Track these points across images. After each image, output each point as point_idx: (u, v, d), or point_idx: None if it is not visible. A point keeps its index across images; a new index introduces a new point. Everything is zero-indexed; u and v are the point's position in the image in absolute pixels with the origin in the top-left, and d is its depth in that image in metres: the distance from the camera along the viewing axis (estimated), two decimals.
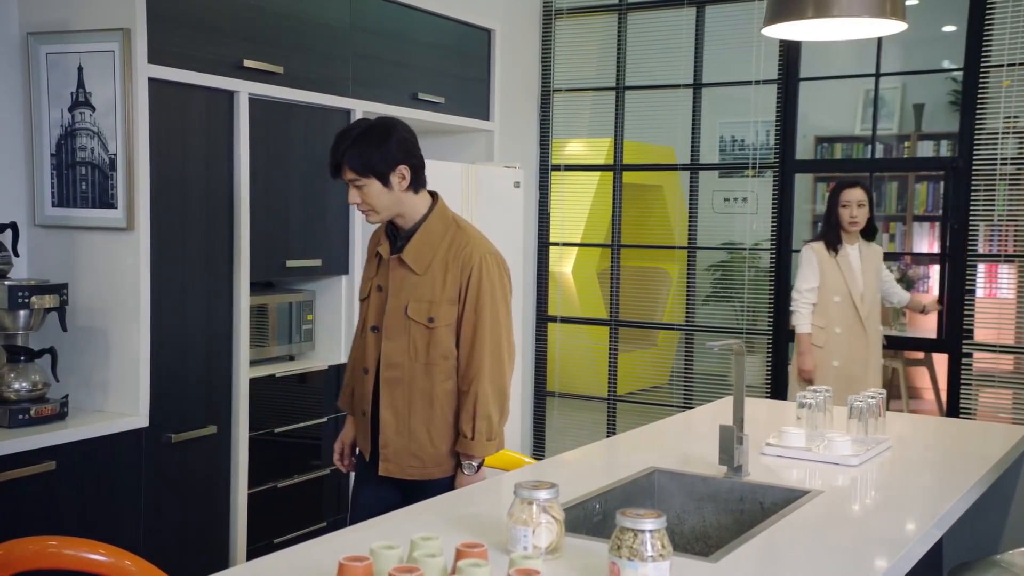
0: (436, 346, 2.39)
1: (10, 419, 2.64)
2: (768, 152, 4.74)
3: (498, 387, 2.40)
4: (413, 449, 2.42)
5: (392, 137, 2.35)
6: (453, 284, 2.37)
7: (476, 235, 2.46)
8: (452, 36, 4.11)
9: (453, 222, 2.46)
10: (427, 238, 2.40)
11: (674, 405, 4.99)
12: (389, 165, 2.33)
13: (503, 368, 2.42)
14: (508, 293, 2.46)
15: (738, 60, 4.74)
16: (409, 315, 2.39)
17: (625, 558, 1.51)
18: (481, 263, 2.39)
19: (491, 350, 2.39)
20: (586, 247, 5.72)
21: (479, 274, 2.37)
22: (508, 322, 2.45)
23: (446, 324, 2.38)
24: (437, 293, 2.38)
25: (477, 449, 2.38)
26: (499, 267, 2.44)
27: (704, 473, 2.29)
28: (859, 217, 4.13)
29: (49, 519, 2.60)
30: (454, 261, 2.38)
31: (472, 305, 2.38)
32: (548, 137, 5.18)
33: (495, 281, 2.40)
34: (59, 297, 2.78)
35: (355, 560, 1.41)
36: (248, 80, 3.15)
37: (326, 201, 3.54)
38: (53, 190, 2.96)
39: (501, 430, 2.43)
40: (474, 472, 2.42)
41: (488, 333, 2.38)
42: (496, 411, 2.40)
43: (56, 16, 2.90)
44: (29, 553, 1.75)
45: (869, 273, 4.18)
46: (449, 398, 2.41)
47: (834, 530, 1.95)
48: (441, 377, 2.40)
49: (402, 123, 2.43)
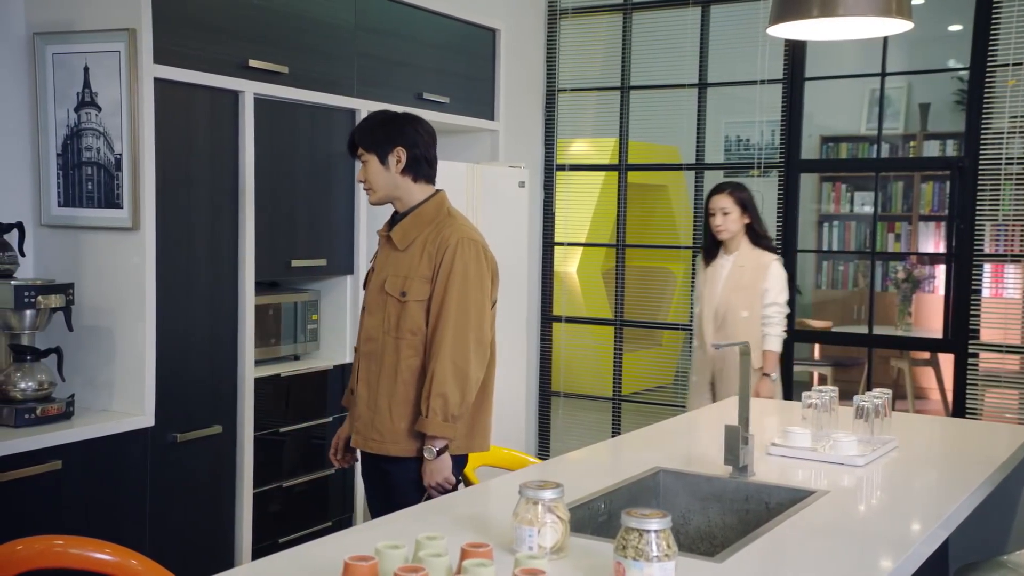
0: (406, 320, 2.45)
1: (16, 418, 2.64)
2: (773, 152, 4.73)
3: (459, 368, 2.40)
4: (376, 423, 2.49)
5: (398, 121, 2.55)
6: (428, 262, 2.45)
7: (463, 223, 2.52)
8: (457, 36, 4.11)
9: (447, 212, 2.54)
10: (416, 220, 2.52)
11: (678, 405, 4.98)
12: (387, 144, 2.51)
13: (466, 350, 2.41)
14: (485, 280, 2.46)
15: (743, 60, 4.73)
16: (386, 289, 2.49)
17: (630, 558, 1.51)
18: (457, 245, 2.44)
19: (454, 330, 2.40)
20: (591, 247, 5.72)
21: (452, 254, 2.43)
22: (480, 307, 2.44)
23: (416, 300, 2.45)
24: (413, 269, 2.46)
25: (429, 427, 2.39)
26: (477, 253, 2.46)
27: (709, 473, 2.29)
28: (725, 225, 3.79)
29: (55, 518, 2.60)
30: (433, 241, 2.47)
31: (442, 284, 2.43)
32: (553, 137, 5.17)
33: (469, 264, 2.43)
34: (65, 297, 2.78)
35: (360, 560, 1.41)
36: (253, 80, 3.16)
37: (331, 201, 3.54)
38: (59, 190, 2.96)
39: (462, 414, 2.42)
40: (433, 456, 2.41)
41: (453, 313, 2.41)
42: (454, 392, 2.39)
43: (62, 16, 2.90)
44: (35, 552, 1.75)
45: (735, 289, 3.78)
46: (412, 375, 2.45)
47: (840, 530, 1.94)
48: (408, 352, 2.45)
49: (420, 120, 2.59)
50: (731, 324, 3.76)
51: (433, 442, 2.41)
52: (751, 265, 3.79)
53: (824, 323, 6.34)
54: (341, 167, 3.58)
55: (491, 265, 2.51)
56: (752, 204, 3.85)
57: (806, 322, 6.33)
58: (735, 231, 3.80)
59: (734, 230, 3.80)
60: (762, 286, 3.77)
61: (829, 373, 6.16)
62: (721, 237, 3.81)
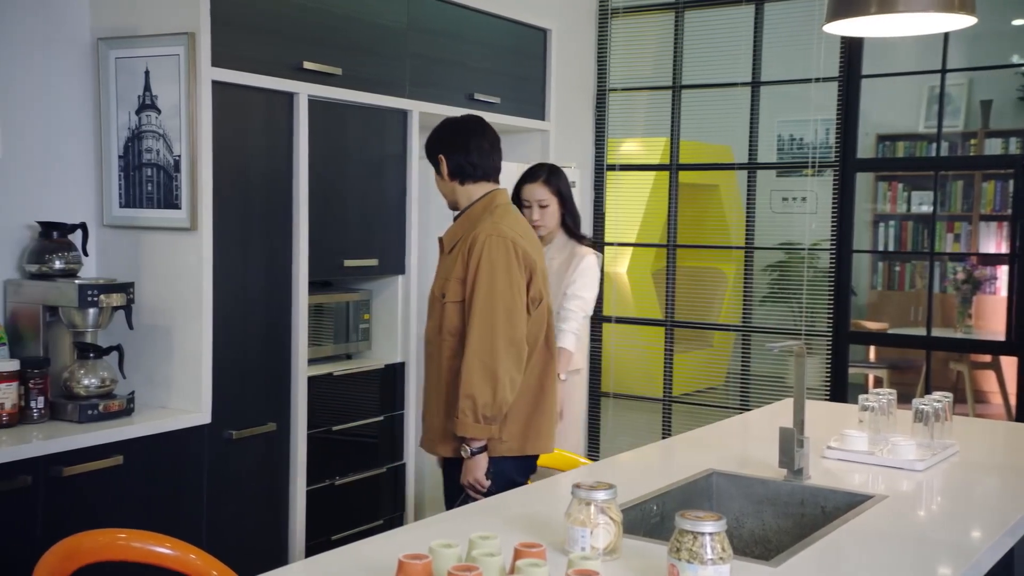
0: (446, 322, 2.48)
1: (80, 414, 2.71)
2: (828, 151, 4.66)
3: (487, 368, 2.38)
4: (431, 423, 2.55)
5: (442, 128, 2.62)
6: (462, 263, 2.46)
7: (498, 219, 2.49)
8: (508, 36, 4.11)
9: (493, 209, 2.52)
10: (464, 221, 2.55)
11: (730, 407, 4.93)
12: (433, 155, 2.62)
13: (495, 349, 2.38)
14: (515, 276, 2.42)
15: (797, 57, 4.67)
16: (434, 291, 2.56)
17: (685, 561, 1.50)
18: (485, 243, 2.43)
19: (480, 329, 2.39)
20: (641, 247, 5.68)
21: (479, 253, 2.43)
22: (509, 305, 2.41)
23: (453, 301, 2.47)
24: (450, 270, 2.49)
25: (460, 428, 2.40)
26: (506, 248, 2.42)
27: (763, 476, 2.26)
28: (543, 221, 3.22)
29: (116, 512, 2.66)
30: (465, 240, 2.48)
31: (471, 283, 2.43)
32: (603, 136, 5.15)
33: (496, 261, 2.41)
34: (126, 296, 2.85)
35: (415, 558, 1.42)
36: (307, 82, 3.20)
37: (383, 201, 3.57)
38: (120, 191, 3.03)
39: (496, 415, 2.40)
40: (468, 456, 2.42)
41: (478, 313, 2.40)
42: (483, 392, 2.37)
43: (125, 22, 2.97)
44: (100, 545, 1.80)
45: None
46: (454, 376, 2.46)
47: (899, 537, 1.90)
48: (448, 353, 2.48)
49: (459, 121, 2.61)
50: None
51: (468, 442, 2.42)
52: (562, 256, 3.28)
53: (880, 324, 6.22)
54: (393, 168, 3.61)
55: (526, 261, 2.46)
56: (569, 193, 3.33)
57: (861, 323, 6.23)
58: (553, 227, 3.25)
59: (552, 226, 3.25)
60: (568, 278, 3.24)
61: (885, 376, 6.05)
62: (543, 232, 3.23)
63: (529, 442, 2.50)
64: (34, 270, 2.85)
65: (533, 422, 2.51)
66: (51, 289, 2.79)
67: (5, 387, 2.63)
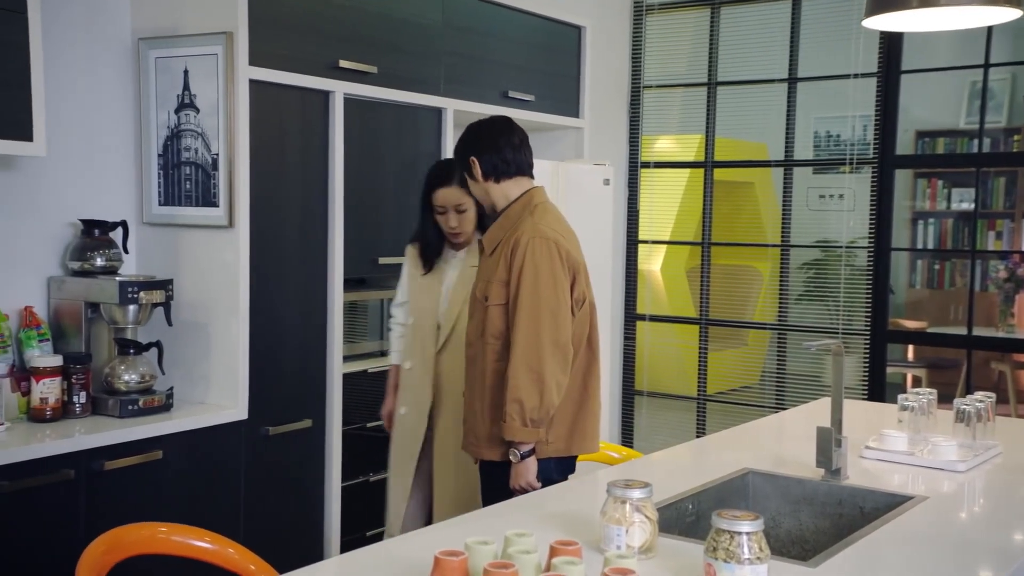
0: (489, 325, 2.45)
1: (121, 409, 2.75)
2: (866, 147, 4.60)
3: (534, 371, 2.36)
4: (474, 426, 2.51)
5: (467, 132, 2.59)
6: (504, 265, 2.43)
7: (540, 220, 2.46)
8: (543, 34, 4.11)
9: (532, 208, 2.49)
10: (504, 222, 2.51)
11: (765, 406, 4.89)
12: (463, 159, 2.57)
13: (541, 352, 2.36)
14: (559, 278, 2.40)
15: (835, 53, 4.61)
16: (475, 294, 2.52)
17: (721, 560, 1.49)
18: (528, 245, 2.40)
19: (526, 333, 2.37)
20: (675, 245, 5.65)
21: (522, 256, 2.40)
22: (554, 308, 2.39)
23: (496, 304, 2.44)
24: (492, 272, 2.46)
25: (508, 432, 2.38)
26: (550, 250, 2.40)
27: (800, 475, 2.24)
28: (462, 227, 2.84)
29: (156, 506, 2.70)
30: (507, 242, 2.45)
31: (515, 286, 2.40)
32: (638, 134, 5.13)
33: (539, 264, 2.38)
34: (165, 292, 2.89)
35: (451, 554, 1.42)
36: (343, 80, 3.22)
37: (418, 199, 3.58)
38: (160, 189, 3.08)
39: (543, 418, 2.39)
40: (518, 460, 2.40)
41: (524, 316, 2.37)
42: (530, 396, 2.35)
43: (165, 22, 3.01)
44: (141, 538, 1.83)
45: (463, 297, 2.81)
46: (499, 379, 2.43)
47: (940, 539, 1.88)
48: (492, 357, 2.45)
49: (486, 121, 2.60)
50: (460, 340, 2.76)
51: (517, 446, 2.40)
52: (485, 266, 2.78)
53: (919, 323, 6.13)
54: (427, 165, 3.60)
55: (570, 262, 2.44)
56: None
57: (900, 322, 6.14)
58: (471, 232, 2.87)
59: (471, 231, 2.87)
60: None
61: (924, 375, 5.96)
62: (456, 242, 2.89)
63: (575, 443, 2.49)
64: (76, 267, 2.90)
65: (578, 423, 2.49)
66: (92, 286, 2.84)
67: (49, 382, 2.68)
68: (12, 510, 2.40)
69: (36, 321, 2.83)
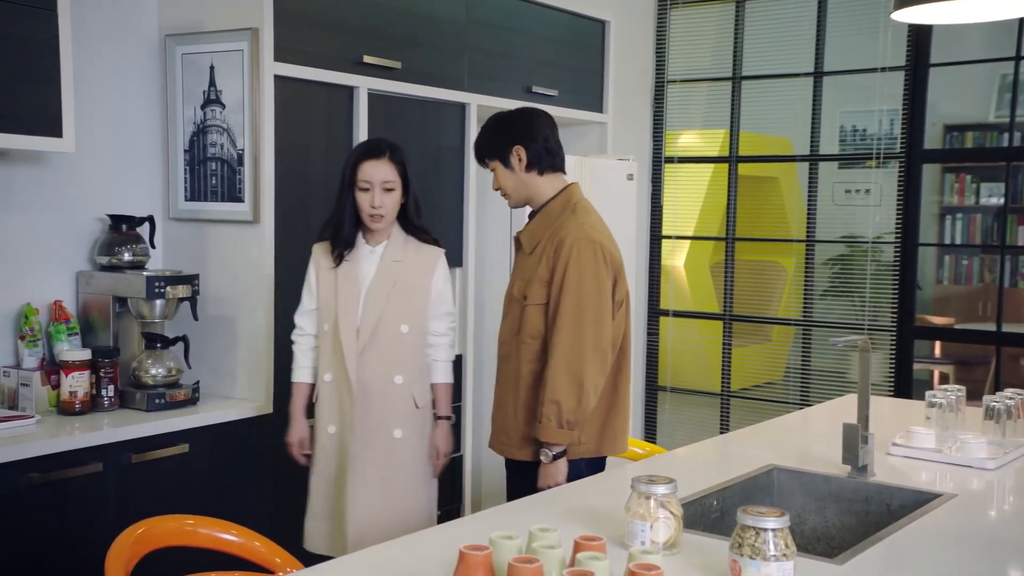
0: (526, 325, 2.43)
1: (148, 403, 2.78)
2: (892, 142, 4.55)
3: (574, 375, 2.34)
4: (505, 426, 2.49)
5: (509, 119, 2.52)
6: (547, 265, 2.40)
7: (583, 220, 2.44)
8: (566, 28, 4.10)
9: (572, 206, 2.47)
10: (543, 219, 2.47)
11: (789, 402, 4.86)
12: (505, 146, 2.48)
13: (582, 355, 2.35)
14: (603, 282, 2.39)
15: (862, 46, 4.56)
16: (513, 293, 2.48)
17: (747, 557, 1.48)
18: (572, 246, 2.37)
19: (569, 335, 2.35)
20: (699, 240, 5.63)
21: (567, 257, 2.37)
22: (597, 312, 2.37)
23: (535, 304, 2.41)
24: (533, 272, 2.43)
25: (544, 433, 2.36)
26: (595, 253, 2.38)
27: (826, 472, 2.22)
28: (386, 208, 2.55)
29: (182, 499, 2.73)
30: (550, 242, 2.41)
31: (557, 288, 2.38)
32: (661, 129, 5.11)
33: (585, 267, 2.36)
34: (191, 287, 2.91)
35: (475, 549, 1.43)
36: (367, 76, 3.23)
37: (441, 195, 3.59)
38: (186, 185, 3.10)
39: (579, 420, 2.37)
40: (549, 460, 2.38)
41: (567, 318, 2.36)
42: (568, 399, 2.34)
43: (191, 18, 3.04)
44: (169, 530, 1.85)
45: (391, 295, 2.56)
46: (534, 380, 2.42)
47: (969, 537, 1.86)
48: (528, 357, 2.43)
49: (532, 111, 2.55)
50: (384, 344, 2.55)
51: (549, 447, 2.38)
52: (412, 260, 2.61)
53: (946, 320, 6.07)
54: (451, 161, 3.62)
55: (613, 264, 2.43)
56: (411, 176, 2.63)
57: (927, 318, 6.08)
58: (392, 220, 2.60)
59: (391, 219, 2.60)
60: (429, 289, 2.62)
61: (951, 372, 5.90)
62: (375, 226, 2.56)
63: (605, 444, 2.47)
64: (104, 262, 2.94)
65: (609, 423, 2.48)
66: (120, 280, 2.87)
67: (78, 376, 2.71)
68: (43, 501, 2.43)
69: (65, 315, 2.86)
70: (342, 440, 2.60)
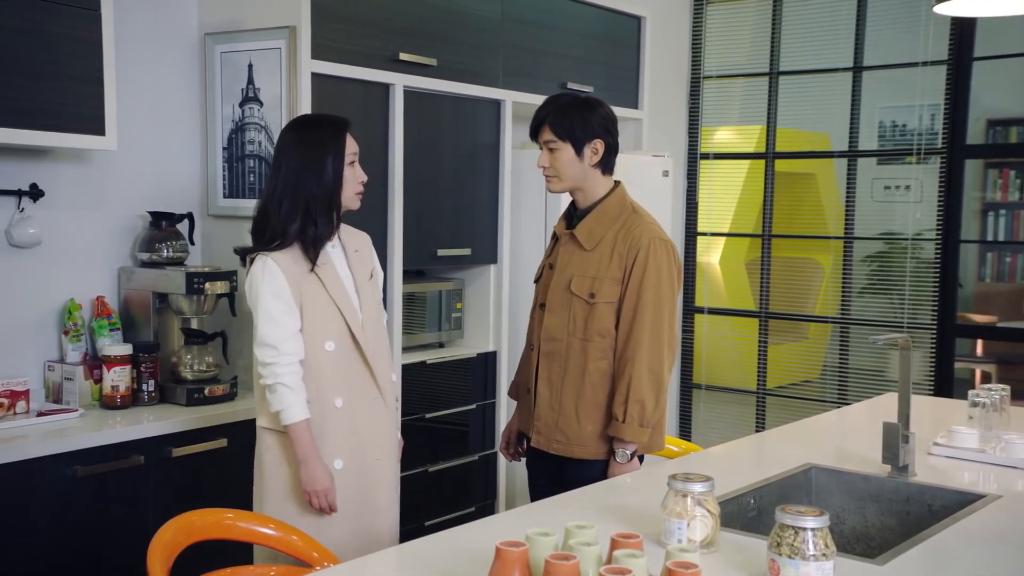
0: (594, 322, 2.40)
1: (187, 398, 2.82)
2: (933, 137, 4.48)
3: (654, 373, 2.36)
4: (561, 424, 2.45)
5: (597, 111, 2.45)
6: (619, 263, 2.39)
7: (651, 221, 2.46)
8: (602, 24, 4.08)
9: (630, 207, 2.48)
10: (601, 217, 2.45)
11: (826, 400, 4.81)
12: (587, 135, 2.41)
13: (661, 355, 2.37)
14: (675, 282, 2.43)
15: (903, 40, 4.49)
16: (572, 289, 2.43)
17: (786, 556, 1.47)
18: (650, 246, 2.38)
19: (650, 334, 2.36)
20: (734, 237, 5.58)
21: (646, 256, 2.37)
22: (671, 310, 2.41)
23: (606, 301, 2.39)
24: (602, 270, 2.40)
25: (627, 433, 2.35)
26: (668, 254, 2.41)
27: (866, 471, 2.19)
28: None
29: (220, 492, 2.75)
30: (623, 241, 2.40)
31: (636, 286, 2.37)
32: (697, 125, 5.07)
33: (662, 267, 2.38)
34: (229, 283, 2.94)
35: (512, 545, 1.43)
36: (403, 73, 3.24)
37: (476, 191, 3.59)
38: (224, 182, 3.13)
39: (656, 419, 2.39)
40: (627, 460, 2.38)
41: (648, 317, 2.36)
42: (650, 397, 2.35)
43: (230, 16, 3.07)
44: (209, 523, 1.87)
45: (371, 291, 2.34)
46: (602, 378, 2.40)
47: (1014, 539, 1.82)
48: (596, 355, 2.40)
49: (608, 107, 2.51)
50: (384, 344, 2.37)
51: (626, 446, 2.37)
52: (361, 245, 2.42)
53: (988, 318, 5.96)
54: (486, 158, 3.63)
55: (679, 265, 2.46)
56: None
57: (968, 316, 5.97)
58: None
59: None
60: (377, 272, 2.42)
61: (993, 371, 5.79)
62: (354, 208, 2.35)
63: (654, 440, 2.46)
64: (145, 258, 2.98)
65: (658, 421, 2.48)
66: (160, 276, 2.91)
67: (120, 370, 2.75)
68: (85, 493, 2.48)
69: (107, 311, 2.91)
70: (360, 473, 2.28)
